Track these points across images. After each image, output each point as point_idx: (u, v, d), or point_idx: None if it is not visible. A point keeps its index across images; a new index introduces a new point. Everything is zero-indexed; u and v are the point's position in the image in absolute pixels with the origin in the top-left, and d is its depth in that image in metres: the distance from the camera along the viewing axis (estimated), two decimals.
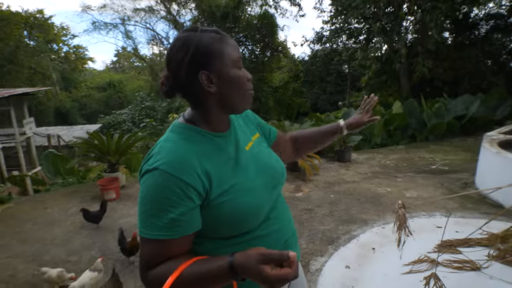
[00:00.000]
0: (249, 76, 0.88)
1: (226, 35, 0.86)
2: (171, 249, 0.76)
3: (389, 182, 4.91)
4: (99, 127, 11.42)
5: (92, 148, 5.25)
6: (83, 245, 3.52)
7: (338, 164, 6.19)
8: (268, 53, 17.95)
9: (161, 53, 21.50)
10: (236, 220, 0.83)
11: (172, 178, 0.73)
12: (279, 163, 1.02)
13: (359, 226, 3.43)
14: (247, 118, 1.07)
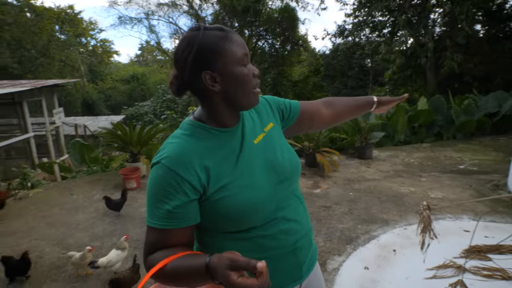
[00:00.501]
0: (256, 71, 0.85)
1: (231, 31, 0.84)
2: (169, 239, 0.79)
3: (413, 181, 4.74)
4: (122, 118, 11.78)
5: (116, 138, 5.40)
6: (105, 232, 3.64)
7: (359, 161, 6.04)
8: (288, 47, 17.71)
9: None
10: (235, 215, 0.83)
11: (169, 171, 0.77)
12: (289, 158, 0.97)
13: (379, 226, 3.34)
14: (264, 107, 1.03)
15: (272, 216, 0.89)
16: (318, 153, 5.61)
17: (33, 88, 7.23)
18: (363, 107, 1.25)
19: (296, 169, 1.00)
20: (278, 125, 1.05)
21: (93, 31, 23.97)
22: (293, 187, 0.98)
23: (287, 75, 17.88)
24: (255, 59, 19.12)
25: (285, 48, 17.95)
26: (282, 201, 0.92)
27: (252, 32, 18.14)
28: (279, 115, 1.06)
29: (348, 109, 1.23)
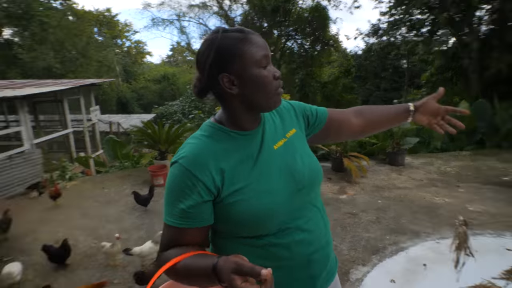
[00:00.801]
0: (277, 73, 0.82)
1: (251, 33, 0.82)
2: (183, 237, 0.80)
3: (449, 191, 4.44)
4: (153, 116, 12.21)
5: (145, 136, 5.59)
6: (133, 225, 3.77)
7: (389, 167, 5.78)
8: (318, 47, 17.41)
9: None
10: (248, 220, 0.81)
11: (186, 171, 0.78)
12: (309, 166, 0.93)
13: (409, 237, 3.16)
14: (288, 111, 1.00)
15: (286, 224, 0.86)
16: (345, 157, 5.44)
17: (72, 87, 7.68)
18: (398, 117, 1.13)
19: (316, 178, 0.95)
20: (302, 131, 1.01)
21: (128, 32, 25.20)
22: (311, 196, 0.94)
23: (316, 76, 17.59)
24: (283, 60, 19.02)
25: (314, 48, 17.67)
26: (299, 210, 0.89)
27: (281, 32, 18.04)
28: (304, 122, 1.02)
29: (380, 119, 1.14)
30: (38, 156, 6.26)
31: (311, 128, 1.04)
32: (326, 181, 5.21)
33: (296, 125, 0.99)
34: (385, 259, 2.78)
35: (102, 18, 19.93)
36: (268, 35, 17.82)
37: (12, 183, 5.53)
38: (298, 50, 18.20)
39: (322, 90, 17.62)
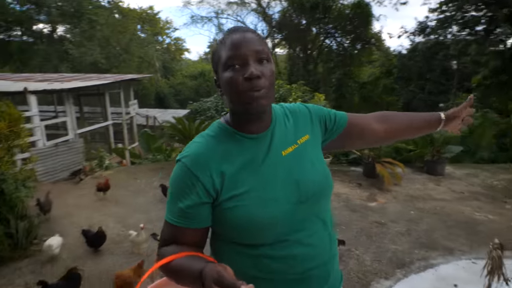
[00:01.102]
0: (248, 73, 0.73)
1: (233, 31, 0.79)
2: (180, 236, 0.79)
3: (493, 207, 4.05)
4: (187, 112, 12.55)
5: (176, 131, 5.77)
6: (158, 217, 3.90)
7: (427, 176, 5.40)
8: (358, 45, 16.75)
9: None
10: (244, 228, 0.78)
11: (187, 170, 0.77)
12: (318, 176, 0.86)
13: (440, 254, 2.91)
14: (303, 116, 0.94)
15: (285, 236, 0.81)
16: (378, 163, 5.17)
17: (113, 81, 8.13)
18: (426, 125, 1.08)
19: (324, 190, 0.88)
20: (317, 137, 0.94)
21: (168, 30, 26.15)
22: (317, 208, 0.87)
23: (354, 76, 16.94)
24: (320, 58, 18.57)
25: (354, 46, 17.03)
26: (301, 222, 0.82)
27: (320, 30, 17.61)
28: (320, 127, 0.95)
29: (406, 127, 1.07)
30: (80, 145, 6.72)
31: (328, 134, 0.98)
32: (355, 186, 5.01)
33: (310, 131, 0.93)
34: (411, 275, 2.59)
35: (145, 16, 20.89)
36: (306, 33, 17.52)
37: (57, 169, 5.99)
38: (336, 49, 17.65)
39: (360, 91, 16.91)
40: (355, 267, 2.72)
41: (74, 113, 7.22)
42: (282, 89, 9.22)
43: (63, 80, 7.69)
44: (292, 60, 19.27)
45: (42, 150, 5.78)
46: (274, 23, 18.32)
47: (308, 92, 9.48)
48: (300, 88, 9.33)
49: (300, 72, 18.60)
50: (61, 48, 15.57)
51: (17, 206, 2.77)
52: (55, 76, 9.35)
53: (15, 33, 17.64)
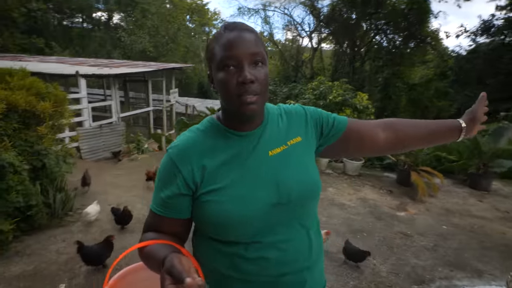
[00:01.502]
0: (242, 78, 0.72)
1: (229, 29, 0.77)
2: (160, 224, 0.82)
3: None
4: None
5: None
6: None
7: (469, 191, 4.98)
8: (411, 43, 15.65)
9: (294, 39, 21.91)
10: (217, 223, 0.78)
11: (171, 161, 0.79)
12: (302, 180, 0.83)
13: (467, 276, 2.69)
14: (298, 117, 0.92)
15: (258, 238, 0.79)
16: (414, 171, 4.86)
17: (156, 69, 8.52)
18: (441, 136, 1.00)
19: (308, 195, 0.85)
20: (310, 141, 0.91)
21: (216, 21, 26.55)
22: (299, 213, 0.84)
23: (403, 76, 15.92)
24: (368, 56, 17.71)
25: (407, 45, 15.94)
26: (276, 225, 0.80)
27: (370, 25, 16.76)
28: (316, 131, 0.93)
29: (416, 135, 0.99)
30: (122, 128, 7.19)
31: (324, 139, 0.94)
32: (385, 193, 4.78)
33: (303, 133, 0.90)
34: None
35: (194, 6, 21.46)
36: (355, 28, 16.80)
37: (99, 149, 6.50)
38: (387, 46, 16.66)
39: (409, 92, 15.89)
40: (369, 277, 2.61)
41: (118, 97, 7.72)
42: (323, 85, 8.95)
43: (112, 66, 8.25)
44: (338, 56, 18.63)
45: (87, 130, 6.29)
46: (322, 17, 17.80)
47: (350, 90, 9.10)
48: (342, 86, 8.99)
49: (345, 69, 17.93)
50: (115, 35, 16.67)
51: (56, 179, 3.05)
52: (106, 62, 10.05)
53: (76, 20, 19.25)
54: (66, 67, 7.78)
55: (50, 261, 2.46)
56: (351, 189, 4.89)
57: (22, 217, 2.57)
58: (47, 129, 2.95)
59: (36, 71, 6.98)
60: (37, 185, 2.75)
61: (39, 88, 3.04)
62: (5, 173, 2.33)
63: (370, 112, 8.52)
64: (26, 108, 2.76)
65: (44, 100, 2.98)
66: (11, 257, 2.45)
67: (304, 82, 15.65)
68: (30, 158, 2.73)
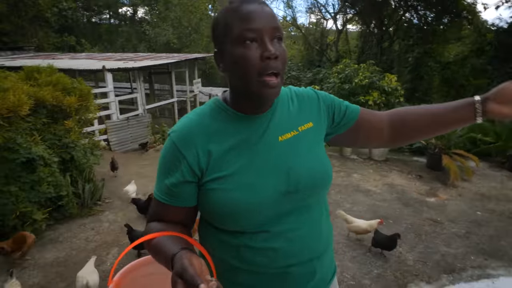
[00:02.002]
0: (267, 53, 0.65)
1: (245, 1, 0.68)
2: (165, 213, 0.78)
3: None
4: None
5: None
6: None
7: (508, 174, 4.64)
8: (445, 19, 14.58)
9: (318, 22, 21.16)
10: (223, 212, 0.74)
11: (173, 146, 0.74)
12: (312, 168, 0.78)
13: (503, 265, 2.51)
14: (310, 101, 0.85)
15: (266, 227, 0.75)
16: (446, 154, 4.59)
17: (179, 60, 8.62)
18: (455, 115, 0.82)
19: (319, 183, 0.80)
20: (322, 128, 0.85)
21: None
22: (309, 201, 0.80)
23: (436, 54, 14.93)
24: (397, 35, 16.75)
25: (440, 21, 14.86)
26: (285, 214, 0.76)
27: (400, 2, 15.77)
28: (327, 117, 0.87)
29: (423, 122, 0.86)
30: (148, 120, 7.41)
31: (335, 127, 0.88)
32: (414, 178, 4.56)
33: (316, 119, 0.84)
34: (460, 283, 2.30)
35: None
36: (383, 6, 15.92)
37: (127, 140, 6.75)
38: (417, 23, 15.65)
39: (442, 72, 14.91)
40: (394, 265, 2.52)
41: (143, 89, 7.93)
42: (349, 68, 8.62)
43: (136, 59, 8.46)
44: (365, 37, 17.81)
45: (115, 123, 6.54)
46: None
47: (378, 72, 8.69)
48: (368, 68, 8.60)
49: (372, 50, 17.10)
50: (140, 29, 17.03)
51: (84, 170, 3.21)
52: (131, 56, 10.32)
53: (104, 16, 19.87)
54: (94, 62, 8.09)
55: (80, 248, 2.62)
56: (377, 174, 4.72)
57: (54, 207, 2.74)
58: (74, 123, 3.08)
59: (67, 67, 7.32)
60: (67, 177, 2.91)
61: (65, 83, 3.17)
62: (36, 166, 2.48)
63: (400, 94, 8.11)
64: (53, 103, 2.89)
65: (70, 95, 3.12)
66: (45, 245, 2.63)
67: (329, 66, 15.18)
68: (59, 151, 2.89)
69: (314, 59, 18.48)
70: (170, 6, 16.39)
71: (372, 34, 17.47)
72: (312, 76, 13.93)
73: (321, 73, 13.34)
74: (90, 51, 14.79)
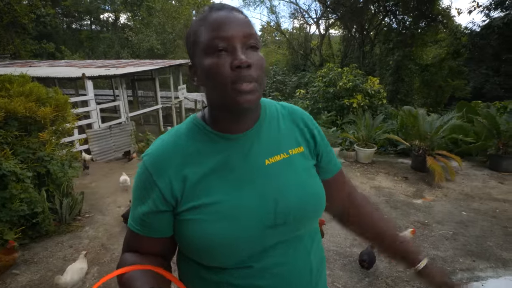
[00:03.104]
0: (237, 61, 0.59)
1: (216, 9, 0.64)
2: (139, 244, 0.71)
3: None
4: None
5: None
6: None
7: (489, 172, 4.73)
8: (422, 23, 15.06)
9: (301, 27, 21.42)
10: (199, 246, 0.65)
11: (146, 172, 0.67)
12: (303, 198, 0.70)
13: (491, 265, 2.53)
14: (304, 123, 0.78)
15: (248, 263, 0.67)
16: (430, 155, 4.65)
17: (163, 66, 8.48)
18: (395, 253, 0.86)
19: (307, 215, 0.71)
20: (311, 157, 0.77)
21: None
22: (298, 232, 0.71)
23: (415, 57, 15.36)
24: (378, 39, 17.16)
25: (418, 25, 15.34)
26: (271, 248, 0.68)
27: (379, 8, 16.18)
28: (315, 153, 0.78)
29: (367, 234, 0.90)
30: (131, 127, 7.21)
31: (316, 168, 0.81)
32: (400, 180, 4.60)
33: (305, 144, 0.76)
34: None
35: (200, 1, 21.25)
36: (363, 11, 16.27)
37: (110, 149, 6.54)
38: (396, 28, 16.09)
39: (422, 74, 15.35)
40: (385, 271, 2.49)
41: (126, 97, 7.74)
42: (332, 72, 8.72)
43: (118, 66, 8.26)
44: (347, 41, 18.16)
45: (97, 132, 6.33)
46: (329, 3, 17.31)
47: (361, 75, 8.84)
48: (352, 72, 8.74)
49: (355, 54, 17.44)
50: (122, 35, 16.77)
51: (62, 184, 3.05)
52: (113, 62, 10.09)
53: (85, 22, 19.47)
54: (74, 70, 7.84)
55: (57, 269, 2.46)
56: (364, 177, 4.73)
57: (28, 224, 2.57)
58: (50, 135, 2.93)
59: (45, 75, 7.07)
60: (42, 192, 2.75)
61: (39, 93, 3.01)
62: (7, 182, 2.32)
63: (382, 96, 8.27)
64: (26, 115, 2.74)
65: (44, 106, 2.96)
66: (18, 266, 2.46)
67: (313, 70, 15.35)
68: (33, 165, 2.73)
69: (298, 63, 18.66)
70: (153, 12, 16.23)
71: (354, 38, 17.82)
72: (297, 80, 14.02)
73: (306, 77, 13.48)
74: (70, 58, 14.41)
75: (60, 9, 17.40)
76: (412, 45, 15.32)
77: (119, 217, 3.36)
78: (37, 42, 15.15)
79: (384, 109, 8.03)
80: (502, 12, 11.31)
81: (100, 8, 18.18)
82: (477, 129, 5.31)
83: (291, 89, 12.94)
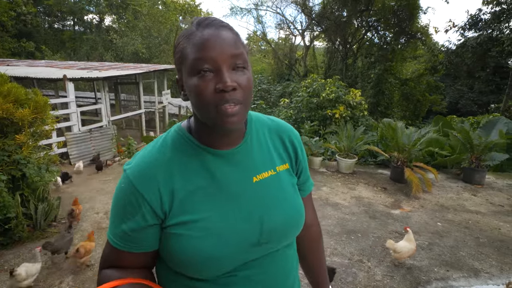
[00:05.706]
0: (222, 85, 0.59)
1: (203, 25, 0.63)
2: (122, 260, 0.69)
3: None
4: None
5: None
6: None
7: (463, 185, 4.94)
8: (402, 39, 15.72)
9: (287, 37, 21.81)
10: (184, 260, 0.65)
11: (131, 186, 0.64)
12: (286, 217, 0.72)
13: (464, 275, 2.63)
14: (282, 138, 0.79)
15: (233, 272, 0.68)
16: (408, 167, 4.81)
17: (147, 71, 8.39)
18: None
19: (290, 232, 0.75)
20: (292, 171, 0.79)
21: None
22: (278, 248, 0.74)
23: (395, 71, 15.97)
24: (360, 52, 17.72)
25: (398, 41, 16.00)
26: (253, 261, 0.70)
27: (362, 23, 16.78)
28: (296, 170, 0.80)
29: (306, 273, 0.96)
30: (112, 132, 7.06)
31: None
32: (380, 191, 4.72)
33: (289, 161, 0.78)
34: None
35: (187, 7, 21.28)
36: (347, 26, 16.80)
37: (89, 153, 6.36)
38: (378, 43, 16.72)
39: (401, 88, 15.96)
40: (364, 281, 2.54)
41: (108, 100, 7.58)
42: (316, 83, 8.92)
43: (101, 69, 8.10)
44: (330, 53, 18.65)
45: (76, 135, 6.15)
46: (314, 15, 17.78)
47: (343, 87, 9.09)
48: (335, 83, 8.97)
49: (338, 66, 17.93)
50: (107, 37, 16.50)
51: (38, 189, 2.94)
52: (96, 65, 9.89)
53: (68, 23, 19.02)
54: (54, 71, 7.62)
55: None
56: (345, 187, 4.82)
57: (0, 230, 2.46)
58: (27, 137, 2.83)
59: (23, 75, 6.83)
60: (16, 196, 2.64)
61: (18, 94, 2.92)
62: None
63: (364, 108, 8.53)
64: (3, 116, 2.64)
65: (23, 107, 2.87)
66: None
67: (297, 80, 15.63)
68: (8, 168, 2.62)
69: (283, 73, 18.97)
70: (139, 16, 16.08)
71: (337, 51, 18.33)
72: (282, 89, 14.22)
73: (290, 87, 13.69)
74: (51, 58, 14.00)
75: (42, 8, 16.95)
76: (392, 60, 15.95)
77: (97, 223, 3.27)
78: (16, 40, 14.65)
79: (365, 121, 8.26)
80: (476, 32, 11.98)
81: (84, 9, 17.85)
82: (452, 143, 5.55)
83: (275, 98, 13.09)
